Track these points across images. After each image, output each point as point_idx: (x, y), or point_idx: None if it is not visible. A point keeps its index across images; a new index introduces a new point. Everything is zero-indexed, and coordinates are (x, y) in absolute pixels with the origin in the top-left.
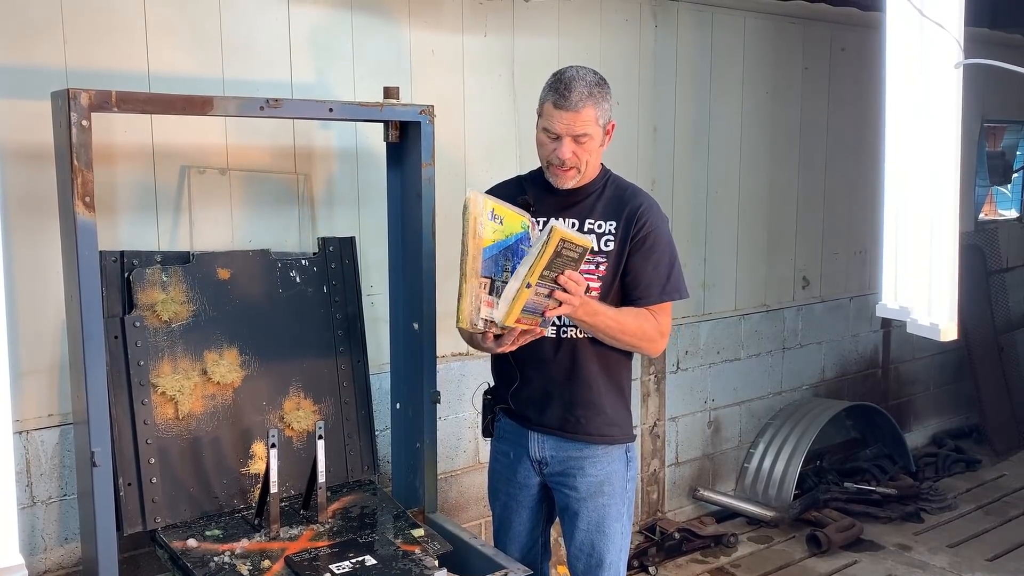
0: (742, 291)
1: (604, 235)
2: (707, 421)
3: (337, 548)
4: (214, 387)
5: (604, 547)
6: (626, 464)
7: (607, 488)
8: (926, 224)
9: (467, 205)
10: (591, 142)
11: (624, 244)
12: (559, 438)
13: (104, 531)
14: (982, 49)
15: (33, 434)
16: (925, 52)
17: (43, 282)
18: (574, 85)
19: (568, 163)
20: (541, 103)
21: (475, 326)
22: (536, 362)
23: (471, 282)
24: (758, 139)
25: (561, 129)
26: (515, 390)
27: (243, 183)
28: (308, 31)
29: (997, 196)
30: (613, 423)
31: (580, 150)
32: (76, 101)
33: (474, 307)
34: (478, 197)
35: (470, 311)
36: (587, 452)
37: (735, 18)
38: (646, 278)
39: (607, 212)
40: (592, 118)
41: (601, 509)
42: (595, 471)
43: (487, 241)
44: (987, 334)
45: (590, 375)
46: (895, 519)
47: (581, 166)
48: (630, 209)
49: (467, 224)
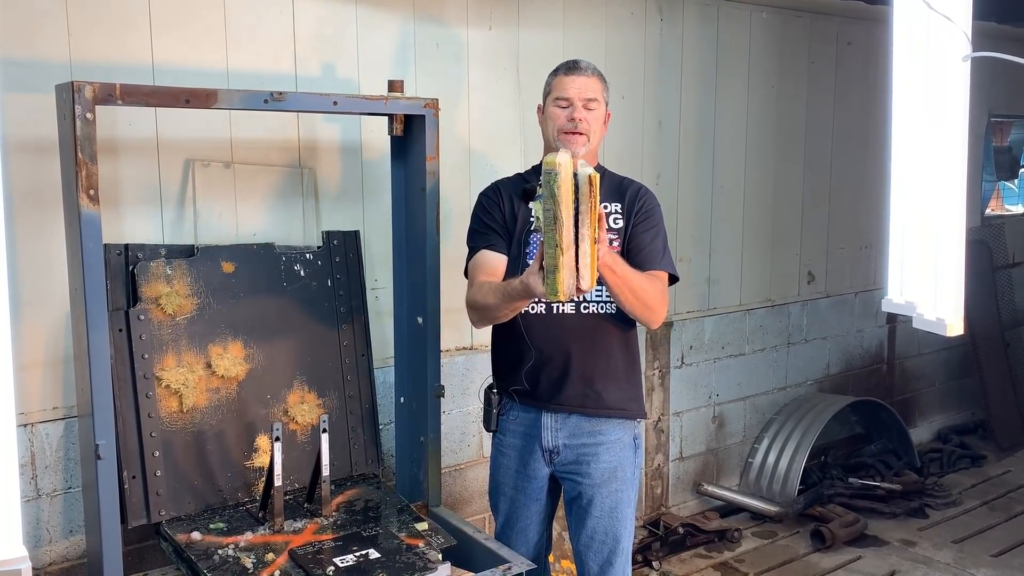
0: (747, 286)
1: (612, 214)
2: (711, 416)
3: (341, 542)
4: (218, 380)
5: (617, 533)
6: (635, 451)
7: (620, 474)
8: (932, 219)
9: (558, 171)
10: (599, 110)
11: (629, 219)
12: (578, 417)
13: (108, 524)
14: (989, 43)
15: (38, 427)
16: (932, 46)
17: (47, 275)
18: (580, 60)
19: (580, 126)
20: (548, 83)
21: (570, 296)
22: (553, 338)
23: (568, 253)
24: (763, 134)
25: (573, 93)
26: (530, 369)
27: (247, 176)
28: (313, 24)
29: (1004, 191)
30: (631, 397)
31: (590, 116)
32: (80, 94)
33: (571, 281)
34: (568, 159)
35: (568, 283)
36: (600, 438)
37: (741, 12)
38: (648, 246)
39: (610, 195)
40: (599, 87)
41: (615, 495)
42: (608, 457)
43: (571, 210)
44: (993, 330)
45: (611, 347)
46: (899, 515)
47: (591, 132)
48: (631, 191)
49: (558, 190)
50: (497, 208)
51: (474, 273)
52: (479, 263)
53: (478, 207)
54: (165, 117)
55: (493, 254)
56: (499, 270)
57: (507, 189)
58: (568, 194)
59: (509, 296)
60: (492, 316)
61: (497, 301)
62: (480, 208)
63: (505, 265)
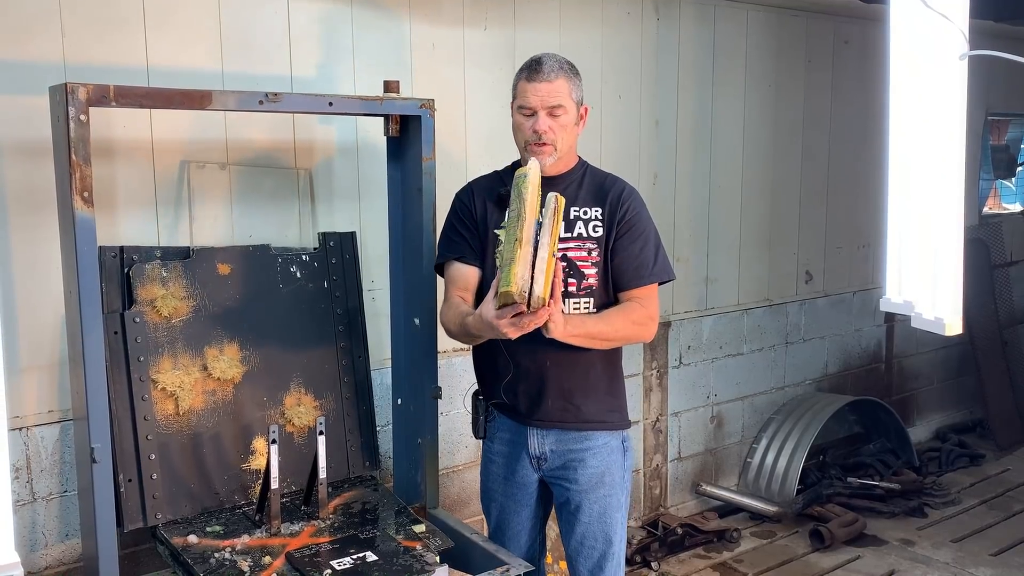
0: (745, 286)
1: (591, 220)
2: (710, 416)
3: (338, 544)
4: (214, 383)
5: (607, 537)
6: (623, 454)
7: (608, 479)
8: (930, 218)
9: (527, 174)
10: (566, 116)
11: (611, 228)
12: (559, 430)
13: (104, 527)
14: (987, 42)
15: (33, 430)
16: (929, 44)
17: (42, 278)
18: (545, 60)
19: (545, 137)
20: (514, 86)
21: (523, 295)
22: (530, 352)
23: (526, 248)
24: (761, 133)
25: (535, 102)
26: (508, 383)
27: (243, 178)
28: (308, 24)
29: (1001, 190)
30: (612, 409)
31: (556, 124)
32: (74, 96)
33: (526, 275)
34: (537, 167)
35: (522, 276)
36: (587, 444)
37: (737, 11)
38: (634, 260)
39: (589, 198)
40: (565, 90)
41: (603, 500)
42: (596, 463)
43: (536, 213)
44: (991, 328)
45: (589, 360)
46: (898, 514)
47: (557, 142)
48: (613, 194)
49: (526, 191)
50: (469, 214)
51: (447, 287)
52: (452, 277)
53: (451, 211)
54: (160, 118)
55: (464, 267)
56: (471, 283)
57: (481, 192)
58: (534, 198)
59: (468, 331)
60: (462, 341)
61: (459, 331)
62: (453, 213)
63: (477, 277)
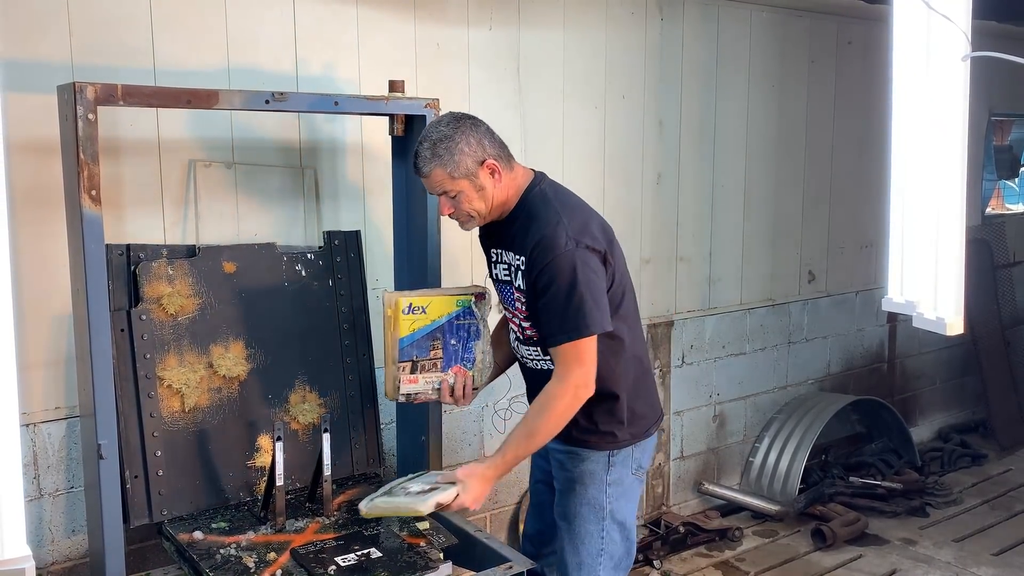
0: (747, 285)
1: (519, 269)
2: (712, 415)
3: (343, 541)
4: (220, 380)
5: (570, 547)
6: (606, 468)
7: (579, 488)
8: (933, 218)
9: (383, 304)
10: (462, 194)
11: (529, 281)
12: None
13: (111, 523)
14: (989, 42)
15: (40, 427)
16: (932, 45)
17: (49, 275)
18: (420, 151)
19: (453, 216)
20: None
21: (397, 399)
22: (530, 379)
23: (389, 367)
24: (764, 133)
25: (429, 192)
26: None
27: (249, 176)
28: (313, 24)
29: (1004, 190)
30: (591, 431)
31: (456, 203)
32: (82, 95)
33: (394, 385)
34: (391, 298)
35: (391, 387)
36: (565, 447)
37: (741, 11)
38: (545, 323)
39: (519, 244)
40: (442, 178)
41: (570, 507)
42: (570, 467)
43: (404, 332)
44: (994, 328)
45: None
46: (900, 514)
47: (471, 213)
48: (531, 244)
49: (384, 320)
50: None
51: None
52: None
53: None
54: (167, 117)
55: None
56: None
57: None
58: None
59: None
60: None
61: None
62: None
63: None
